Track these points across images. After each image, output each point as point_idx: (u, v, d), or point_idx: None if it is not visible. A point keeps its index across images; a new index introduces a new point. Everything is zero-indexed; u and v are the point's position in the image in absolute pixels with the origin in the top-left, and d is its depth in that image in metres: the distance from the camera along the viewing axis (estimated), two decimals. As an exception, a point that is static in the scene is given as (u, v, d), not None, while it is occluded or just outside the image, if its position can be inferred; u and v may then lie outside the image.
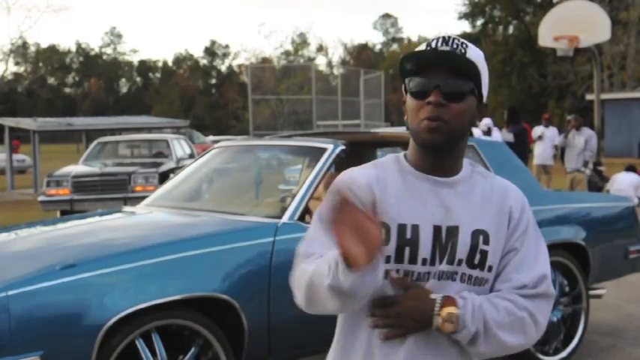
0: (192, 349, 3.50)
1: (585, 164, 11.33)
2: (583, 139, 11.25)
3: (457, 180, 1.72)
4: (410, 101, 1.69)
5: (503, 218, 1.73)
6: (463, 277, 1.68)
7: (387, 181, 1.71)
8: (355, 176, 1.72)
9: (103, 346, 3.21)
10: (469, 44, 1.70)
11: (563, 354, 4.93)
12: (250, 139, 7.60)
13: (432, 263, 1.66)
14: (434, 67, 1.65)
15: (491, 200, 1.74)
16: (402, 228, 1.66)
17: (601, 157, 13.00)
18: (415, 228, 1.66)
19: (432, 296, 1.64)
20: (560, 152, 14.30)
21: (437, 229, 1.67)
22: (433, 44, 1.68)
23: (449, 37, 1.69)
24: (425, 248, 1.66)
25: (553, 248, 4.89)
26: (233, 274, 3.57)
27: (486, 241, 1.69)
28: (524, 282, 1.71)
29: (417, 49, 1.70)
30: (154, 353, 3.36)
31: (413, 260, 1.66)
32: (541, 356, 4.82)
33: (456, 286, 1.67)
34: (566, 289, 5.02)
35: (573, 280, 5.03)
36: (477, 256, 1.68)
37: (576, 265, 5.01)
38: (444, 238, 1.67)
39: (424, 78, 1.66)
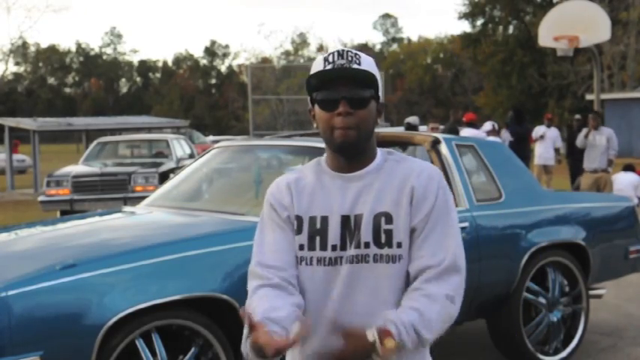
0: (192, 349, 3.50)
1: (610, 163, 11.16)
2: (605, 137, 11.00)
3: (365, 172, 1.94)
4: (320, 113, 1.91)
5: (404, 197, 1.90)
6: (375, 258, 1.88)
7: (305, 182, 1.98)
8: (279, 181, 2.02)
9: (103, 346, 3.21)
10: (361, 54, 1.91)
11: (563, 354, 4.93)
12: (250, 139, 7.60)
13: (343, 249, 1.89)
14: (337, 80, 1.88)
15: (393, 183, 1.92)
16: (312, 219, 1.92)
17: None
18: (324, 219, 1.91)
19: (369, 338, 1.77)
20: (566, 152, 14.22)
21: (345, 219, 1.90)
22: (330, 59, 1.89)
23: (343, 51, 1.90)
24: (333, 236, 1.90)
25: (553, 248, 4.90)
26: (233, 274, 3.57)
27: (389, 221, 1.88)
28: (428, 263, 1.87)
29: (315, 67, 1.91)
30: (154, 353, 3.36)
31: (323, 247, 1.90)
32: (541, 356, 4.82)
33: (370, 267, 1.88)
34: (566, 289, 5.02)
35: (573, 280, 5.03)
36: (383, 236, 1.88)
37: (576, 265, 5.01)
38: (353, 226, 1.89)
39: (331, 91, 1.88)
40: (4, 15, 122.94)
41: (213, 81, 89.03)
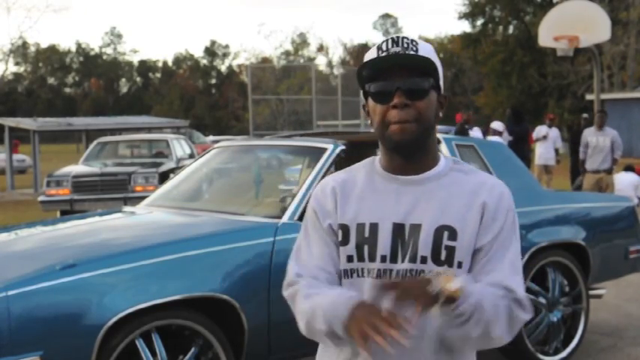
0: (192, 349, 3.50)
1: (614, 163, 11.11)
2: (609, 139, 10.91)
3: (427, 177, 1.74)
4: (374, 106, 1.72)
5: (474, 213, 1.71)
6: (432, 275, 1.65)
7: (354, 184, 1.78)
8: (325, 183, 1.83)
9: (103, 346, 3.21)
10: (419, 41, 1.72)
11: (563, 354, 4.93)
12: (250, 139, 7.60)
13: (393, 260, 1.69)
14: (391, 69, 1.68)
15: (461, 195, 1.72)
16: (360, 227, 1.73)
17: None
18: (374, 226, 1.71)
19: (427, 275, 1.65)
20: (569, 152, 14.16)
21: (398, 227, 1.70)
22: (384, 47, 1.71)
23: (398, 38, 1.72)
24: (383, 245, 1.70)
25: (553, 248, 4.90)
26: (233, 274, 3.57)
27: (452, 237, 1.68)
28: (500, 280, 1.68)
29: (368, 56, 1.73)
30: (154, 353, 3.36)
31: (372, 258, 1.70)
32: (541, 356, 4.82)
33: None
34: (566, 289, 5.02)
35: (573, 280, 5.03)
36: (443, 253, 1.68)
37: (576, 265, 5.01)
38: (407, 236, 1.69)
39: (384, 82, 1.69)
40: (4, 15, 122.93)
41: (213, 81, 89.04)
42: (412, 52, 1.69)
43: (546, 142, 13.65)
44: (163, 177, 11.70)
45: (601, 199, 5.85)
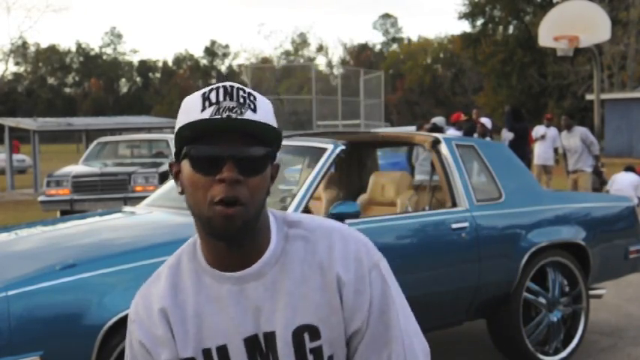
0: (192, 349, 3.49)
1: (596, 160, 11.27)
2: (577, 138, 11.16)
3: (262, 266, 1.35)
4: (192, 175, 1.31)
5: (331, 296, 1.35)
6: None
7: (184, 296, 1.40)
8: (148, 303, 1.44)
9: (103, 346, 3.21)
10: (256, 95, 1.33)
11: (563, 354, 4.93)
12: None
13: None
14: (222, 133, 1.28)
15: (310, 277, 1.35)
16: (207, 354, 1.36)
17: (601, 157, 12.96)
18: (222, 350, 1.35)
19: None
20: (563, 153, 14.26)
21: (250, 342, 1.35)
22: (214, 98, 1.30)
23: (231, 88, 1.31)
24: None
25: (553, 248, 4.90)
26: (233, 274, 3.57)
27: (315, 336, 1.34)
28: None
29: (191, 109, 1.32)
30: (154, 353, 3.36)
31: None
32: (541, 356, 4.82)
33: None
34: (566, 289, 5.02)
35: (573, 280, 5.03)
36: (310, 357, 1.34)
37: (576, 265, 5.01)
38: (264, 349, 1.35)
39: (212, 146, 1.28)
40: (4, 15, 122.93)
41: (214, 81, 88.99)
42: (249, 113, 1.29)
43: (545, 142, 13.65)
44: (163, 177, 11.69)
45: (601, 199, 5.85)
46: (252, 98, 1.31)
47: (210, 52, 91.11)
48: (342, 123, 21.06)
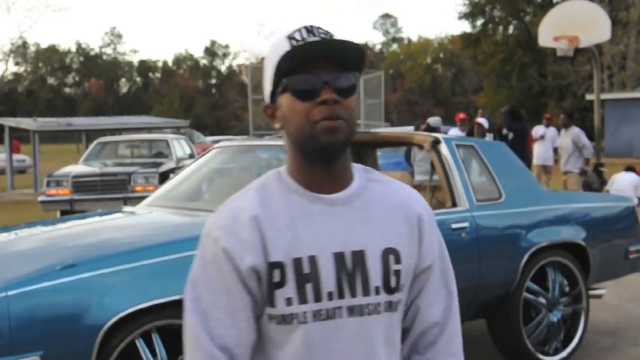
0: (193, 349, 3.49)
1: (586, 163, 11.24)
2: (569, 139, 11.14)
3: (352, 193, 1.48)
4: (293, 104, 1.42)
5: (412, 229, 1.51)
6: (386, 306, 1.47)
7: (274, 207, 1.46)
8: (236, 212, 1.47)
9: (103, 346, 3.21)
10: (332, 33, 1.47)
11: (563, 354, 4.93)
12: (250, 139, 7.60)
13: (341, 296, 1.43)
14: (313, 61, 1.41)
15: (394, 209, 1.50)
16: (297, 263, 1.42)
17: (601, 157, 12.96)
18: (312, 260, 1.42)
19: None
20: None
21: (339, 257, 1.44)
22: (298, 36, 1.43)
23: (312, 27, 1.45)
24: (328, 281, 1.42)
25: (553, 248, 4.90)
26: (233, 274, 3.56)
27: (398, 260, 1.47)
28: (435, 319, 1.56)
29: (279, 48, 1.44)
30: (154, 353, 3.36)
31: (318, 297, 1.42)
32: (541, 356, 4.82)
33: (381, 319, 1.46)
34: (566, 289, 5.02)
35: (573, 280, 5.03)
36: (393, 279, 1.46)
37: (576, 265, 5.01)
38: (350, 267, 1.44)
39: (309, 75, 1.41)
40: (4, 15, 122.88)
41: (213, 81, 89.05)
42: (345, 42, 1.43)
43: (544, 142, 13.65)
44: (163, 177, 11.70)
45: (601, 199, 5.86)
46: (330, 34, 1.45)
47: (210, 52, 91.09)
48: (342, 123, 21.06)
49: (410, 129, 12.01)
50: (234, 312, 1.43)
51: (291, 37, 1.44)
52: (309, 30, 1.44)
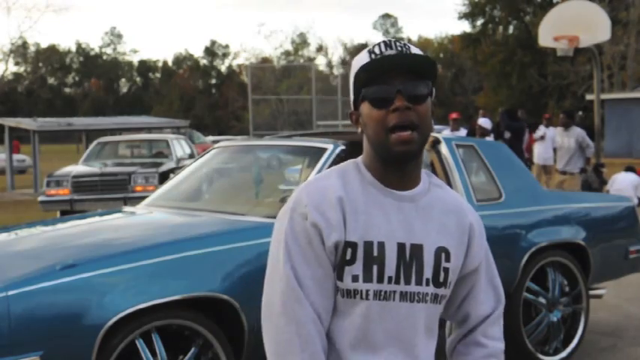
0: (192, 349, 3.49)
1: (587, 162, 11.17)
2: (573, 139, 11.00)
3: (417, 193, 1.65)
4: (370, 112, 1.60)
5: (463, 234, 1.69)
6: (432, 298, 1.64)
7: (353, 193, 1.63)
8: (323, 192, 1.62)
9: (103, 346, 3.21)
10: (409, 45, 1.63)
11: (563, 354, 4.93)
12: (250, 139, 7.60)
13: (397, 282, 1.60)
14: (389, 72, 1.58)
15: (450, 214, 1.68)
16: (368, 245, 1.59)
17: (601, 157, 12.95)
18: (381, 245, 1.60)
19: None
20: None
21: (401, 247, 1.61)
22: (377, 50, 1.61)
23: (390, 41, 1.63)
24: (390, 266, 1.60)
25: (553, 248, 4.90)
26: (233, 274, 3.57)
27: (448, 259, 1.65)
28: (486, 312, 1.78)
29: (360, 61, 1.63)
30: (154, 353, 3.36)
31: (380, 279, 1.59)
32: (541, 356, 4.82)
33: (425, 309, 1.63)
34: (566, 289, 5.02)
35: (573, 280, 5.03)
36: (442, 275, 1.64)
37: (576, 265, 5.01)
38: (408, 257, 1.61)
39: (384, 85, 1.58)
40: (4, 15, 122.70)
41: (213, 81, 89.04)
42: (415, 54, 1.61)
43: (544, 142, 13.63)
44: (163, 177, 11.69)
45: (601, 199, 5.86)
46: (407, 47, 1.61)
47: (210, 52, 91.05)
48: (342, 123, 21.06)
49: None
50: (322, 281, 1.59)
51: (371, 52, 1.62)
52: (387, 44, 1.61)
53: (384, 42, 1.62)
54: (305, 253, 1.59)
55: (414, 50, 1.62)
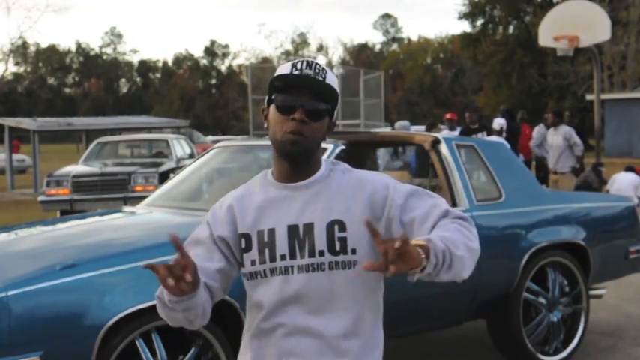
0: (192, 349, 3.50)
1: (578, 160, 11.16)
2: (560, 137, 10.99)
3: (312, 181, 1.95)
4: (275, 115, 1.91)
5: (364, 204, 1.91)
6: (331, 265, 1.89)
7: (251, 197, 1.98)
8: (223, 200, 2.02)
9: (103, 346, 3.21)
10: (327, 70, 1.93)
11: (563, 354, 4.93)
12: (250, 139, 7.60)
13: (293, 257, 1.89)
14: (299, 87, 1.89)
15: (343, 191, 1.94)
16: (260, 233, 1.92)
17: (601, 157, 12.94)
18: (271, 231, 1.91)
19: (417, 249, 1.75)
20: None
21: (292, 228, 1.90)
22: (298, 66, 1.91)
23: (311, 62, 1.92)
24: (282, 246, 1.90)
25: (553, 248, 4.90)
26: (233, 274, 3.56)
27: (342, 229, 1.89)
28: (437, 221, 1.90)
29: (281, 70, 1.92)
30: (154, 353, 3.36)
31: (272, 258, 1.90)
32: (541, 356, 4.82)
33: (325, 275, 1.88)
34: (566, 289, 5.02)
35: (573, 280, 5.03)
36: (337, 244, 1.88)
37: (576, 265, 5.01)
38: (302, 235, 1.90)
39: (291, 96, 1.89)
40: (4, 15, 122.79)
41: (213, 81, 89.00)
42: (320, 79, 1.89)
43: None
44: (163, 177, 11.69)
45: (601, 199, 5.86)
46: (324, 71, 1.92)
47: (210, 52, 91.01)
48: (342, 123, 21.05)
49: (421, 128, 12.00)
50: (202, 259, 1.95)
51: (294, 65, 1.92)
52: (309, 64, 1.91)
53: (307, 61, 1.92)
54: (198, 242, 2.01)
55: (329, 76, 1.92)
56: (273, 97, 1.93)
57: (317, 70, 1.90)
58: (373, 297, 1.96)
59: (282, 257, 1.90)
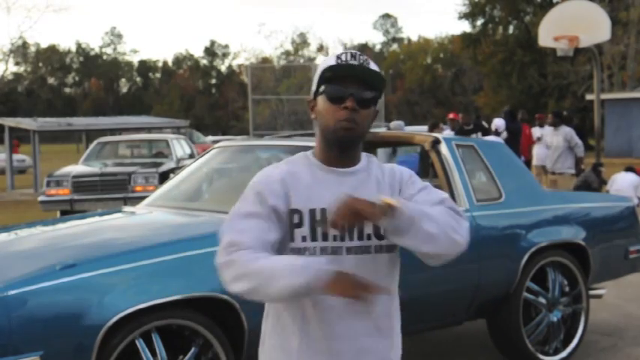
0: (192, 349, 3.50)
1: (578, 162, 11.15)
2: (561, 137, 10.97)
3: (357, 170, 2.07)
4: (326, 104, 2.01)
5: (395, 192, 2.06)
6: (376, 248, 2.01)
7: (298, 175, 2.04)
8: (269, 173, 2.06)
9: (103, 346, 3.21)
10: (370, 60, 2.03)
11: (563, 354, 4.93)
12: (250, 139, 7.60)
13: (342, 239, 1.99)
14: (348, 77, 1.99)
15: (383, 181, 2.08)
16: (312, 212, 1.99)
17: (601, 157, 12.94)
18: (324, 211, 1.98)
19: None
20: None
21: None
22: (343, 57, 2.01)
23: (355, 53, 2.02)
24: None
25: (553, 248, 4.90)
26: (233, 274, 3.56)
27: None
28: (431, 199, 2.04)
29: (327, 62, 2.02)
30: (154, 353, 3.36)
31: (325, 238, 1.99)
32: (541, 356, 4.82)
33: (372, 258, 2.00)
34: (566, 289, 5.02)
35: (573, 280, 5.03)
36: (382, 229, 1.96)
37: (576, 265, 5.01)
38: None
39: (341, 86, 1.99)
40: (4, 15, 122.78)
41: (213, 81, 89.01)
42: (367, 67, 2.00)
43: (541, 143, 13.62)
44: (163, 177, 11.69)
45: (601, 199, 5.86)
46: (367, 61, 2.02)
47: (210, 52, 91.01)
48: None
49: (424, 129, 11.99)
50: (257, 226, 1.98)
51: (338, 57, 2.01)
52: (353, 55, 2.01)
53: (350, 53, 2.02)
54: (252, 210, 2.01)
55: (372, 66, 2.03)
56: (321, 88, 2.02)
57: (361, 61, 2.00)
58: (396, 282, 2.11)
59: (334, 238, 1.99)
